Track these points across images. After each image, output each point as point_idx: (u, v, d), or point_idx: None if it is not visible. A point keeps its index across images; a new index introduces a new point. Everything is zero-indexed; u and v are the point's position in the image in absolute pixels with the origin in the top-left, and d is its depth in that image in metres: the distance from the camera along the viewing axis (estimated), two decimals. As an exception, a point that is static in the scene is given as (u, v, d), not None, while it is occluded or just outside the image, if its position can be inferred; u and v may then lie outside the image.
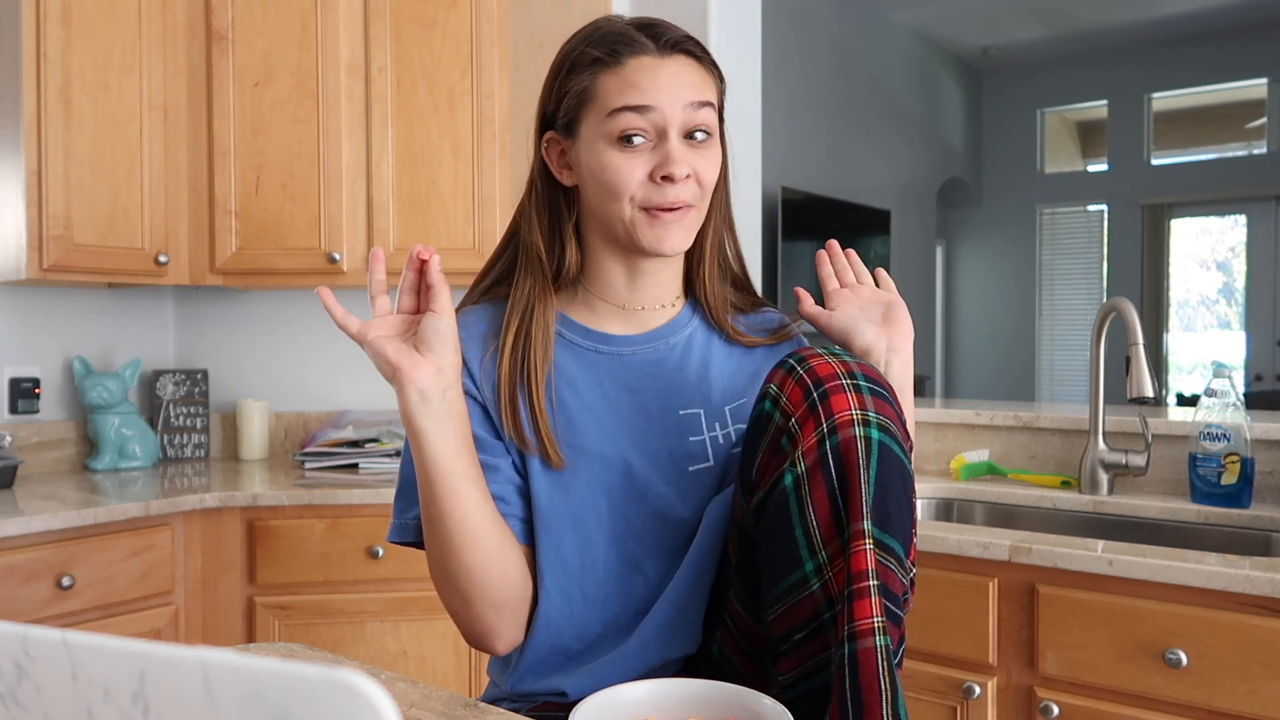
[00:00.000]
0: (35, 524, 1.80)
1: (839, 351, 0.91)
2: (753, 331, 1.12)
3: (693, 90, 0.97)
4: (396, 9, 2.37)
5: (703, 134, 0.98)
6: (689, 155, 0.97)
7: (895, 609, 0.84)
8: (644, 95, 0.95)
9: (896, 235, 6.85)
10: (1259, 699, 1.31)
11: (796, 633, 0.86)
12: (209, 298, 2.69)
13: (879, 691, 0.79)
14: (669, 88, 0.96)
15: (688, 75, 0.98)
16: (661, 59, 0.97)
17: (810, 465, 0.84)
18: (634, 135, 0.96)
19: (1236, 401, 1.80)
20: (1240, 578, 1.33)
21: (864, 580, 0.81)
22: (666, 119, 0.96)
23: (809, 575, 0.84)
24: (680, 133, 0.97)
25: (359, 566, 2.08)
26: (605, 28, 1.00)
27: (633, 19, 1.01)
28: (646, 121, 0.96)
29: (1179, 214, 7.69)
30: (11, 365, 2.38)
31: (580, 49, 1.00)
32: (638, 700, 0.80)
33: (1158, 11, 6.90)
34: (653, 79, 0.96)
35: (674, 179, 0.96)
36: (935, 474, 2.17)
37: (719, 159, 1.02)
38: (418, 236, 2.38)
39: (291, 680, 0.34)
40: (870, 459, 0.83)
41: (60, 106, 2.12)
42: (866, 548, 0.81)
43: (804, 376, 0.87)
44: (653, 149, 0.97)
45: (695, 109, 0.97)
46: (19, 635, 0.40)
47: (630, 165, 0.97)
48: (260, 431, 2.58)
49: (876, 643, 0.80)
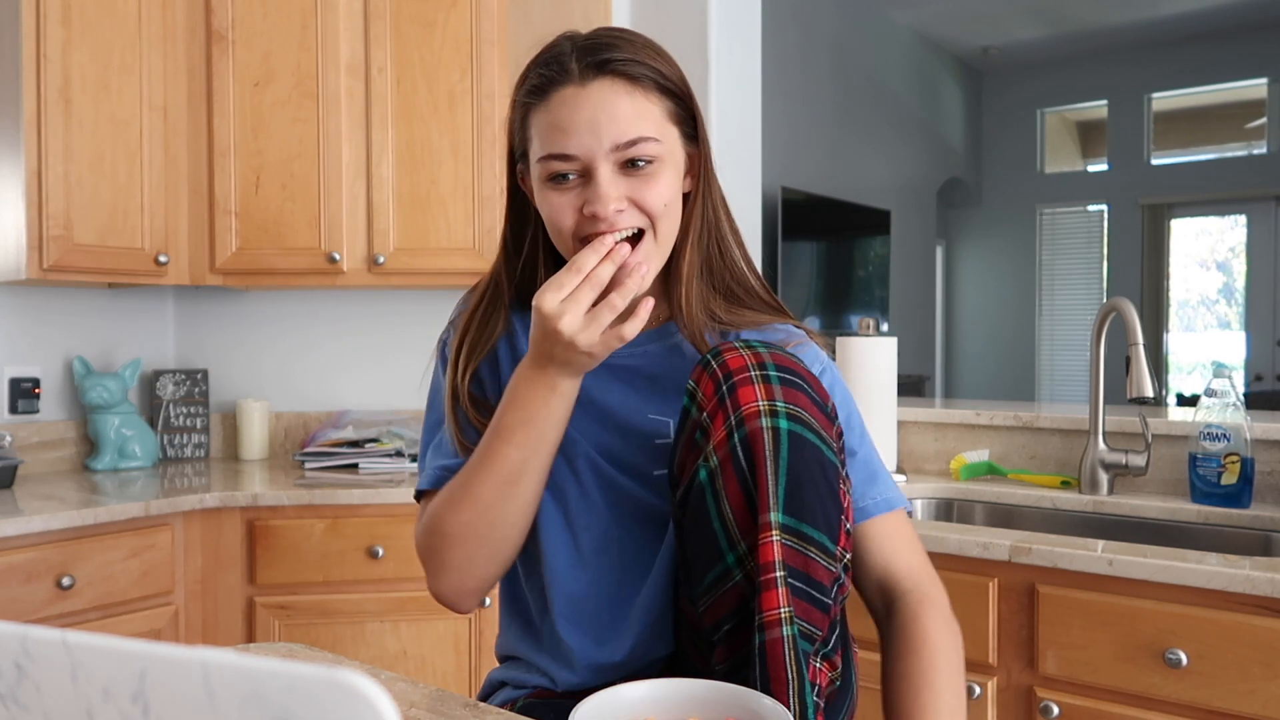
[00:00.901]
0: (35, 524, 1.80)
1: (755, 343, 0.90)
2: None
3: (618, 126, 0.93)
4: (396, 9, 2.37)
5: (643, 162, 0.94)
6: (624, 185, 0.94)
7: (821, 597, 0.85)
8: (566, 140, 0.93)
9: (896, 235, 6.86)
10: (1259, 699, 1.31)
11: (726, 623, 0.87)
12: (209, 298, 2.69)
13: (785, 681, 0.81)
14: (590, 126, 0.92)
15: (613, 106, 0.93)
16: (584, 88, 0.93)
17: (721, 459, 0.85)
18: (563, 175, 0.94)
19: (1236, 401, 1.80)
20: (1240, 578, 1.33)
21: (771, 572, 0.82)
22: (589, 161, 0.93)
23: (731, 567, 0.85)
24: (613, 167, 0.94)
25: (359, 566, 2.08)
26: (548, 50, 0.97)
27: (586, 34, 0.98)
28: (572, 166, 0.94)
29: (1179, 214, 7.69)
30: (11, 365, 2.38)
31: (524, 77, 0.98)
32: (638, 700, 0.80)
33: (1158, 11, 6.90)
34: (574, 115, 0.93)
35: (600, 216, 0.93)
36: (935, 474, 2.17)
37: (671, 181, 0.97)
38: (417, 236, 2.38)
39: (291, 680, 0.34)
40: (780, 449, 0.83)
41: (60, 106, 2.12)
42: (774, 539, 0.82)
43: (716, 370, 0.87)
44: (583, 185, 0.95)
45: (624, 148, 0.93)
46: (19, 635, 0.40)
47: (561, 202, 0.95)
48: (260, 431, 2.58)
49: (784, 633, 0.82)
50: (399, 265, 2.38)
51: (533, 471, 0.96)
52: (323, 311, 2.72)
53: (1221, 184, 7.45)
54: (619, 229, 0.94)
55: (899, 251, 6.94)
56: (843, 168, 6.34)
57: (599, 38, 0.96)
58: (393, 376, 2.71)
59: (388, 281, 2.40)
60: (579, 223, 0.95)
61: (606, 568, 1.02)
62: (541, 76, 0.96)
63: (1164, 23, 7.11)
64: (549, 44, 0.98)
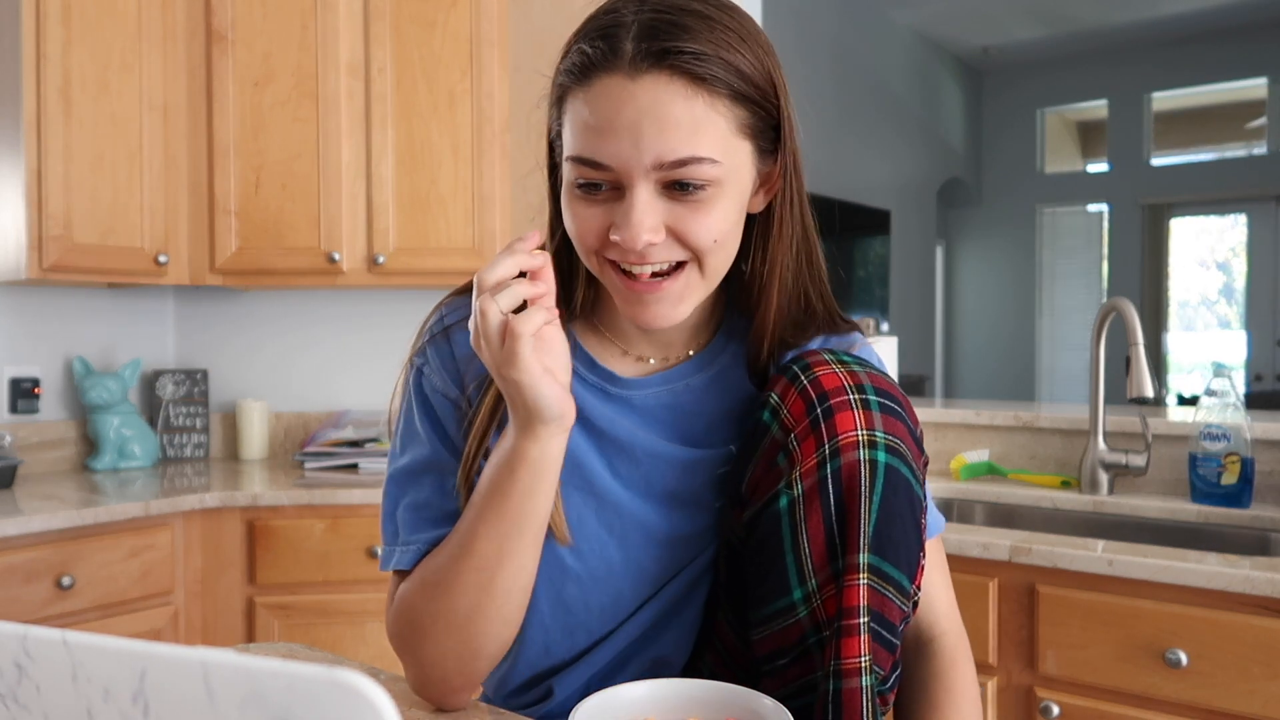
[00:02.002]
0: (35, 524, 1.80)
1: (849, 359, 0.81)
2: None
3: (666, 141, 0.72)
4: (396, 9, 2.37)
5: (693, 187, 0.74)
6: (666, 211, 0.75)
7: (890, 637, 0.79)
8: (599, 143, 0.74)
9: (896, 235, 6.86)
10: (1259, 699, 1.31)
11: (780, 657, 0.82)
12: (209, 298, 2.69)
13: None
14: (631, 134, 0.73)
15: (664, 113, 0.72)
16: (633, 81, 0.73)
17: (808, 489, 0.77)
18: (593, 185, 0.76)
19: (1236, 401, 1.80)
20: (1240, 578, 1.33)
21: (854, 617, 0.76)
22: (624, 175, 0.74)
23: (797, 603, 0.79)
24: (653, 186, 0.75)
25: (359, 566, 2.08)
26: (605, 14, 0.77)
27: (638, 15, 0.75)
28: (604, 175, 0.75)
29: (1179, 214, 7.69)
30: (11, 365, 2.38)
31: (571, 43, 0.79)
32: (637, 700, 0.80)
33: (1158, 11, 6.90)
34: (615, 114, 0.73)
35: (628, 247, 0.75)
36: (935, 474, 2.17)
37: (728, 210, 0.77)
38: (417, 236, 2.38)
39: (291, 680, 0.34)
40: (875, 485, 0.76)
41: (60, 106, 2.12)
42: (860, 583, 0.76)
43: (808, 388, 0.78)
44: (616, 199, 0.76)
45: (670, 169, 0.73)
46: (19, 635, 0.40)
47: (588, 214, 0.78)
48: (260, 431, 2.58)
49: (862, 683, 0.76)
50: (399, 265, 2.38)
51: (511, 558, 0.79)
52: (322, 311, 2.72)
53: (1221, 184, 7.46)
54: (650, 263, 0.77)
55: (899, 251, 6.94)
56: (843, 168, 6.34)
57: (669, 11, 0.74)
58: (392, 376, 2.71)
59: (388, 281, 2.40)
60: (605, 243, 0.77)
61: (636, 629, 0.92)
62: (586, 54, 0.75)
63: (1164, 23, 7.11)
64: (600, 17, 0.77)
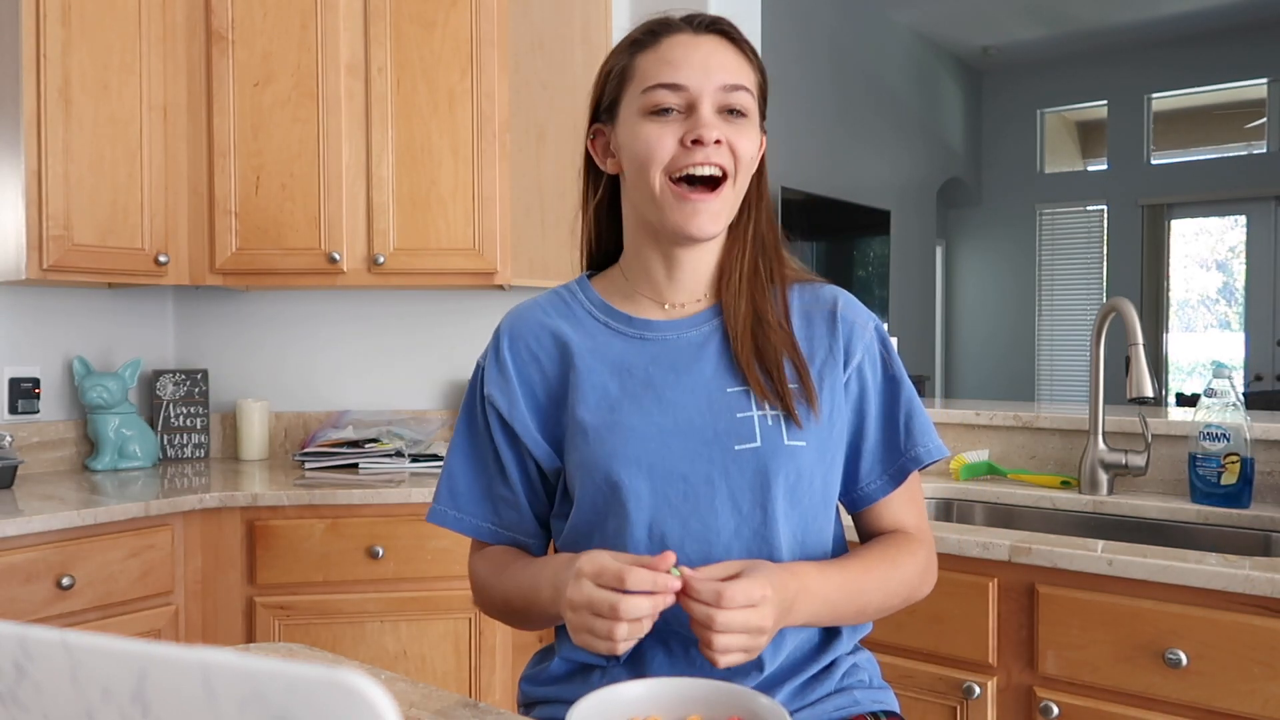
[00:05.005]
0: (35, 524, 1.80)
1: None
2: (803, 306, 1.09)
3: (726, 72, 0.99)
4: (396, 9, 2.37)
5: (738, 113, 1.00)
6: (722, 125, 0.99)
7: None
8: (676, 72, 0.99)
9: (896, 235, 6.86)
10: (1259, 699, 1.31)
11: None
12: (209, 298, 2.69)
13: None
14: (702, 66, 0.99)
15: (722, 56, 1.00)
16: (697, 36, 1.01)
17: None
18: (666, 108, 0.99)
19: (1236, 401, 1.80)
20: (1240, 578, 1.33)
21: None
22: (697, 95, 0.98)
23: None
24: (713, 107, 0.99)
25: (359, 566, 2.08)
26: (655, 18, 1.04)
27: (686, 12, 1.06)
28: (679, 98, 0.99)
29: (1178, 214, 7.69)
30: (11, 365, 2.38)
31: (631, 34, 1.05)
32: (636, 699, 0.80)
33: (1158, 11, 6.90)
34: (686, 55, 0.99)
35: (703, 141, 0.97)
36: (935, 474, 2.17)
37: (756, 137, 1.02)
38: (417, 236, 2.37)
39: (291, 680, 0.34)
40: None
41: (60, 106, 2.12)
42: None
43: None
44: (685, 119, 0.99)
45: (728, 91, 0.99)
46: (19, 635, 0.40)
47: (661, 132, 0.99)
48: (260, 431, 2.58)
49: None
50: (399, 265, 2.38)
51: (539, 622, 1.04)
52: (323, 311, 2.72)
53: (1221, 184, 7.45)
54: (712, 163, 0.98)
55: (899, 251, 6.94)
56: (842, 168, 6.34)
57: (703, 14, 1.04)
58: (393, 376, 2.71)
59: (388, 281, 2.40)
60: (676, 155, 0.98)
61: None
62: (655, 24, 1.03)
63: (1164, 23, 7.11)
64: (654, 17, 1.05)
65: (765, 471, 0.98)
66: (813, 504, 1.02)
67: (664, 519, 0.98)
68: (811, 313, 1.06)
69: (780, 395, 0.99)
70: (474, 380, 1.10)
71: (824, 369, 1.03)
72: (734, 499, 0.98)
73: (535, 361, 1.06)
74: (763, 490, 0.98)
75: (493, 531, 1.09)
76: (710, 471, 0.98)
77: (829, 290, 1.09)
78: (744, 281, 1.05)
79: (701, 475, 0.98)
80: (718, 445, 0.98)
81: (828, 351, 1.04)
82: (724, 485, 0.98)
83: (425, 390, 2.71)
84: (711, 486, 0.98)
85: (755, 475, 0.98)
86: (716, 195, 0.99)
